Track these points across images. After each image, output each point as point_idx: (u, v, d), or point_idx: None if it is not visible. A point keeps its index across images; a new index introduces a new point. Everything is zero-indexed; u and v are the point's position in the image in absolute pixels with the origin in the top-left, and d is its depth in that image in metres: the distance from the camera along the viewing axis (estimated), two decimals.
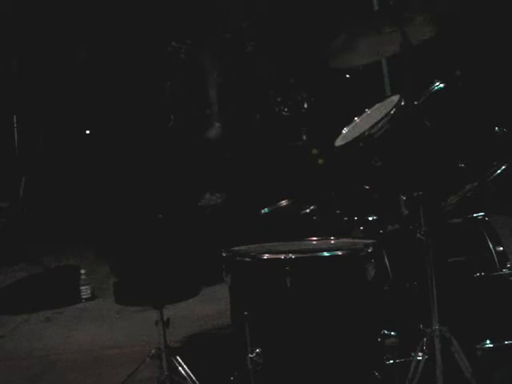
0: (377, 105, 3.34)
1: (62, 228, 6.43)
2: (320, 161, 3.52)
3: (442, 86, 3.08)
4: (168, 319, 3.20)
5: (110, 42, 6.47)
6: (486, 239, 3.12)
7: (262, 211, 3.47)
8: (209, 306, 4.57)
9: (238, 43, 5.87)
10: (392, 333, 2.90)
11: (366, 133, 3.06)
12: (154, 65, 6.05)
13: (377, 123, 3.04)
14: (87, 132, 6.72)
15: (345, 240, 2.94)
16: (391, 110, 3.03)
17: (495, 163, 3.00)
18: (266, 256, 2.68)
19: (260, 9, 5.99)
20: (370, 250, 2.69)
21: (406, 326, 2.98)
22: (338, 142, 3.32)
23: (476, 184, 2.99)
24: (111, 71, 6.46)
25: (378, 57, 3.30)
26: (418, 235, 2.77)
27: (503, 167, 3.00)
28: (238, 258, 2.74)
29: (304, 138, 3.77)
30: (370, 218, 3.18)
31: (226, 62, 5.83)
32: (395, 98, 3.14)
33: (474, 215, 3.20)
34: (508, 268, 3.07)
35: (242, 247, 2.85)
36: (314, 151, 3.55)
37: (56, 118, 6.83)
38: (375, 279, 2.69)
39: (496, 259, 3.08)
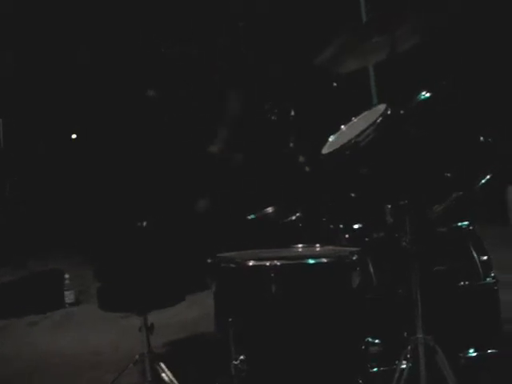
0: (363, 113, 3.35)
1: (48, 231, 6.41)
2: (307, 168, 3.52)
3: (428, 95, 3.10)
4: (152, 325, 3.19)
5: (106, 45, 6.44)
6: (471, 248, 3.13)
7: (248, 218, 3.47)
8: (193, 312, 4.56)
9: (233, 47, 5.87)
10: (376, 340, 2.90)
11: (353, 141, 3.07)
12: (145, 68, 6.03)
13: (363, 131, 3.05)
14: (73, 136, 6.70)
15: (330, 247, 2.95)
16: (378, 118, 3.04)
17: (481, 172, 3.01)
18: (251, 263, 2.68)
19: (251, 13, 6.00)
20: (355, 258, 2.69)
21: (390, 334, 2.98)
22: (325, 150, 3.33)
23: (462, 193, 3.00)
24: (102, 74, 6.44)
25: (365, 63, 3.33)
26: (404, 244, 2.77)
27: (488, 177, 3.02)
28: (223, 265, 2.74)
29: (291, 145, 3.77)
30: (356, 226, 3.19)
31: (220, 65, 5.82)
32: (382, 107, 3.15)
33: (460, 224, 3.21)
34: (492, 277, 3.09)
35: (228, 253, 2.85)
36: (301, 158, 3.55)
37: (45, 122, 6.81)
38: (360, 287, 2.69)
39: (480, 268, 3.09)
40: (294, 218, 3.36)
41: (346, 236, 3.18)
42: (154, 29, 6.06)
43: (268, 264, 2.62)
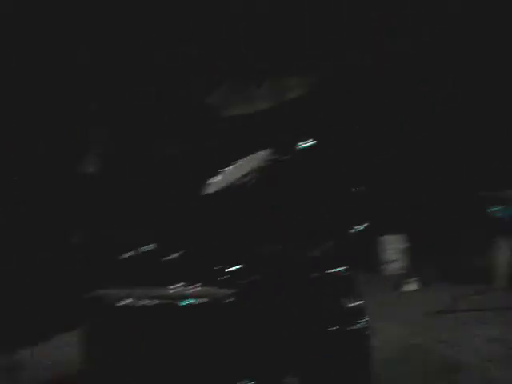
0: (247, 157, 3.41)
1: None
2: (189, 207, 3.53)
3: (309, 143, 3.19)
4: (17, 363, 3.07)
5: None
6: (345, 293, 3.20)
7: (128, 255, 3.43)
8: (63, 351, 4.42)
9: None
10: (251, 383, 2.92)
11: (234, 183, 3.11)
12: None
13: (246, 175, 3.10)
14: None
15: (208, 288, 2.96)
16: (259, 162, 3.11)
17: (356, 220, 3.12)
18: (127, 301, 2.65)
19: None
20: (231, 299, 2.71)
21: (264, 377, 3.00)
22: (210, 190, 3.35)
23: (337, 240, 3.09)
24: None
25: (251, 109, 3.40)
26: (279, 287, 2.81)
27: (364, 225, 3.13)
28: (98, 302, 2.69)
29: (176, 185, 3.78)
30: (233, 268, 3.21)
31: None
32: (265, 152, 3.22)
33: (335, 270, 3.28)
34: (364, 322, 3.17)
35: (104, 291, 2.80)
36: (182, 197, 3.56)
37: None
38: (235, 328, 2.71)
39: (353, 313, 3.17)
40: (174, 256, 3.34)
41: (224, 277, 3.19)
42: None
43: (145, 302, 2.60)
